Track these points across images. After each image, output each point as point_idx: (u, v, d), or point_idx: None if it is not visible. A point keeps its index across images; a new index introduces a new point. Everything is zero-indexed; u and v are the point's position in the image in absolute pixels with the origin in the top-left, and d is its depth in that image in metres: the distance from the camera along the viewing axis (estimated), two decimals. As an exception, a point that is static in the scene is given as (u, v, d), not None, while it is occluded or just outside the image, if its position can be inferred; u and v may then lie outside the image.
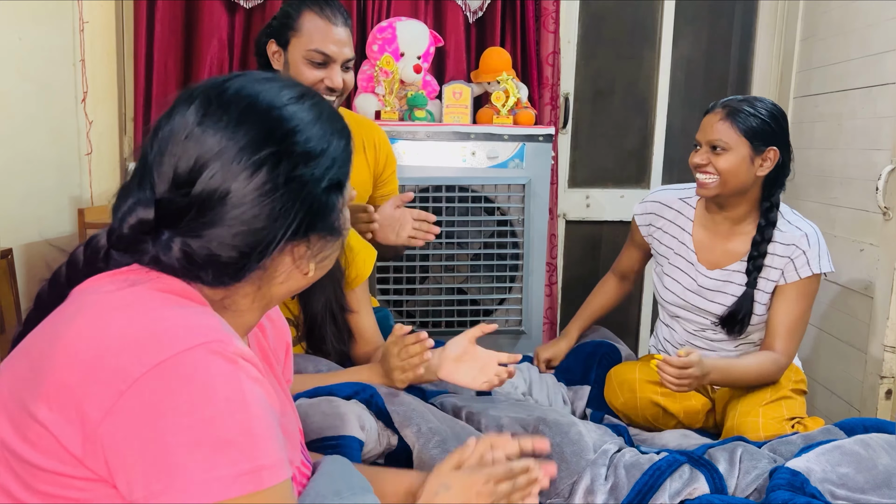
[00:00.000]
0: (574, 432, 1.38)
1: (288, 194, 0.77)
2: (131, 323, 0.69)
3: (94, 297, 0.73)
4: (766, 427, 1.61)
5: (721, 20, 3.00)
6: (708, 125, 1.70)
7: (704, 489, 1.27)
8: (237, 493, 0.65)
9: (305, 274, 0.83)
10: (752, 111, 1.66)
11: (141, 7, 2.44)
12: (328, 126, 0.82)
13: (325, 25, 1.63)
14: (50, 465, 0.66)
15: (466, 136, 2.34)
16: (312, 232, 0.80)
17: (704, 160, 1.69)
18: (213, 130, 0.75)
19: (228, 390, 0.67)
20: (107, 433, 0.64)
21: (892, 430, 1.43)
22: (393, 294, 2.36)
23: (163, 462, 0.64)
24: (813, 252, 1.70)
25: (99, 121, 2.41)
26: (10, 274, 1.96)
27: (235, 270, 0.77)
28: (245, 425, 0.66)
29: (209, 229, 0.75)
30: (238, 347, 0.71)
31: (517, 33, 2.61)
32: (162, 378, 0.65)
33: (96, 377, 0.65)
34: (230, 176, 0.74)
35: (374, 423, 1.25)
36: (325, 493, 0.87)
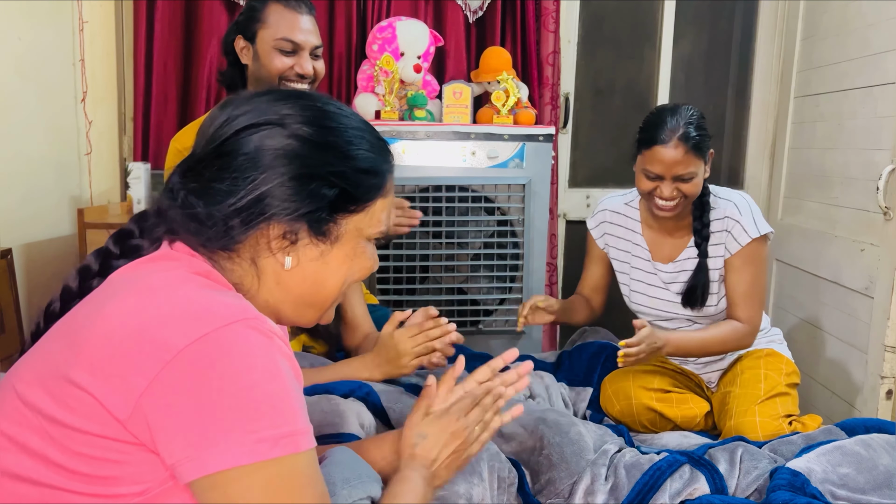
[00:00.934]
0: (574, 432, 1.38)
1: (284, 167, 0.80)
2: (172, 300, 0.73)
3: (132, 279, 0.78)
4: (764, 426, 1.62)
5: (721, 20, 3.00)
6: (669, 160, 1.64)
7: (705, 489, 1.27)
8: (280, 453, 0.69)
9: (282, 266, 0.83)
10: (696, 132, 1.65)
11: (141, 7, 2.44)
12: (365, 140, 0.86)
13: (291, 15, 1.69)
14: (91, 427, 0.69)
15: (466, 136, 2.33)
16: (294, 218, 0.81)
17: (674, 193, 1.68)
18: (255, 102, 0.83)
19: (266, 362, 0.71)
20: (151, 400, 0.68)
21: (892, 430, 1.43)
22: (393, 294, 2.36)
23: (207, 426, 0.67)
24: (746, 219, 1.73)
25: (98, 121, 2.41)
26: (10, 274, 1.96)
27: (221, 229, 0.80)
28: (282, 394, 0.71)
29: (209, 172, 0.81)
30: (272, 326, 0.75)
31: (517, 33, 2.61)
32: (204, 350, 0.69)
33: (140, 348, 0.69)
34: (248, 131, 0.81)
35: (373, 420, 1.25)
36: (335, 480, 0.90)
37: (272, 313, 0.86)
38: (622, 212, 1.90)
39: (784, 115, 2.77)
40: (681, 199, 1.69)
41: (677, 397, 1.79)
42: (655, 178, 1.68)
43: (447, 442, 0.97)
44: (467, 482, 1.15)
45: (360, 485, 0.90)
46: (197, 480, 0.68)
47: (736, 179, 3.01)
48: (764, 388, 1.70)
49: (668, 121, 1.66)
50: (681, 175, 1.66)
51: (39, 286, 2.16)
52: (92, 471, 0.70)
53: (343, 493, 0.88)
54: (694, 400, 1.79)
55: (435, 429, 0.97)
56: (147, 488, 0.71)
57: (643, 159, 1.69)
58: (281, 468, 0.70)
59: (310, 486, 0.73)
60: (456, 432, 0.97)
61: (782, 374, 1.75)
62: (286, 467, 0.70)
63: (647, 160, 1.67)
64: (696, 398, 1.80)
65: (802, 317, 2.56)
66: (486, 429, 1.00)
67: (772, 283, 2.80)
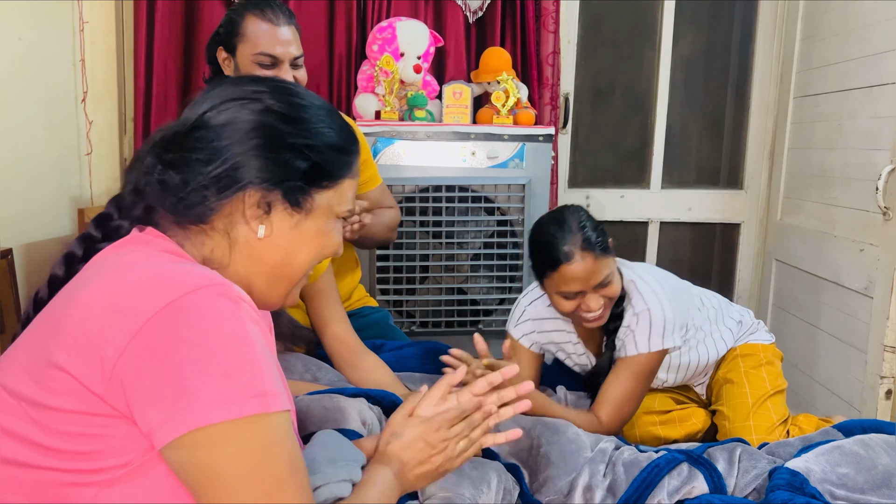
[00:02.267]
0: (571, 432, 1.39)
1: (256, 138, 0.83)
2: (141, 274, 0.75)
3: (104, 262, 0.81)
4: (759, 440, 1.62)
5: (721, 20, 3.01)
6: (585, 272, 1.50)
7: (703, 488, 1.27)
8: (247, 412, 0.70)
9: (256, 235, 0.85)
10: (593, 233, 1.52)
11: (141, 7, 2.44)
12: (332, 121, 0.89)
13: (268, 28, 1.67)
14: (71, 405, 0.71)
15: (466, 136, 2.34)
16: (269, 187, 0.84)
17: (599, 303, 1.53)
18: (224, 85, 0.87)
19: (233, 325, 0.73)
20: (124, 369, 0.70)
21: (890, 430, 1.43)
22: (393, 294, 2.36)
23: (177, 389, 0.69)
24: (650, 331, 1.58)
25: (99, 121, 2.41)
26: (10, 274, 1.96)
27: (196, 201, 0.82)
28: (249, 356, 0.72)
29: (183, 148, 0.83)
30: (239, 291, 0.77)
31: (517, 33, 2.61)
32: (172, 316, 0.71)
33: (111, 321, 0.71)
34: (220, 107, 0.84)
35: (377, 419, 1.25)
36: (320, 458, 0.91)
37: (244, 288, 0.87)
38: (548, 315, 1.70)
39: (784, 115, 2.77)
40: (607, 303, 1.56)
41: (679, 414, 1.76)
42: (575, 296, 1.53)
43: (421, 449, 0.95)
44: (475, 488, 1.15)
45: (344, 466, 0.91)
46: (169, 445, 0.69)
47: (736, 179, 3.02)
48: (751, 397, 1.68)
49: (560, 238, 1.51)
50: (601, 282, 1.52)
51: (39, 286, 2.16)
52: (75, 447, 0.72)
53: (327, 472, 0.88)
54: (696, 414, 1.77)
55: (411, 433, 0.96)
56: (130, 459, 0.72)
57: (552, 283, 1.53)
58: (250, 428, 0.71)
59: (280, 447, 0.73)
60: (432, 443, 0.95)
61: (762, 365, 1.73)
62: (256, 427, 0.71)
63: (559, 282, 1.52)
64: (697, 410, 1.78)
65: (802, 317, 2.56)
66: (472, 445, 0.98)
67: (772, 282, 2.80)
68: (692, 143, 3.08)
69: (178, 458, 0.71)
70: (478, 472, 1.19)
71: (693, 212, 2.98)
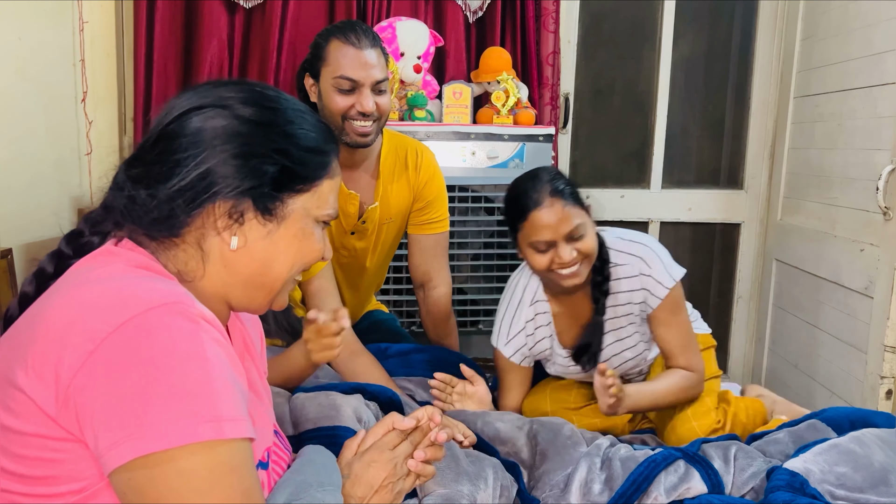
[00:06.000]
0: (567, 429, 1.40)
1: (226, 145, 0.80)
2: (101, 290, 0.73)
3: (72, 277, 0.78)
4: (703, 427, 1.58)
5: (721, 20, 3.00)
6: (554, 220, 1.47)
7: (700, 487, 1.27)
8: (197, 437, 0.67)
9: (229, 246, 0.82)
10: (563, 183, 1.51)
11: (141, 7, 2.44)
12: (308, 123, 0.86)
13: (351, 51, 1.61)
14: (28, 428, 0.69)
15: (466, 136, 2.34)
16: (239, 196, 0.81)
17: (571, 255, 1.49)
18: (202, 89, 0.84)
19: (188, 346, 0.70)
20: (77, 390, 0.67)
21: (876, 420, 1.44)
22: (393, 294, 2.36)
23: (126, 411, 0.66)
24: (656, 269, 1.58)
25: (99, 120, 2.42)
26: (10, 274, 1.96)
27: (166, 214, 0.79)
28: (205, 378, 0.69)
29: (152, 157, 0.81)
30: (200, 309, 0.74)
31: (517, 33, 2.61)
32: (127, 335, 0.68)
33: (69, 340, 0.68)
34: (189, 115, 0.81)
35: (373, 416, 1.26)
36: (310, 480, 0.88)
37: (221, 299, 0.86)
38: (534, 319, 1.68)
39: (784, 115, 2.77)
40: (582, 261, 1.52)
41: (595, 408, 1.67)
42: (547, 247, 1.50)
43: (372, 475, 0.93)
44: (473, 484, 1.16)
45: (333, 491, 0.88)
46: (115, 470, 0.67)
47: (735, 179, 3.01)
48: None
49: (530, 186, 1.51)
50: (570, 233, 1.48)
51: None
52: (30, 472, 0.70)
53: (316, 495, 0.86)
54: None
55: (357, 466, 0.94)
56: (84, 486, 0.70)
57: (524, 234, 1.51)
58: (200, 455, 0.67)
59: (234, 476, 0.70)
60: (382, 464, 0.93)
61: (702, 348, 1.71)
62: (207, 455, 0.68)
63: (530, 232, 1.50)
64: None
65: (802, 317, 2.56)
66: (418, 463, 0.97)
67: (772, 282, 2.80)
68: (692, 143, 3.08)
69: (122, 484, 0.67)
70: (475, 469, 1.20)
71: (693, 212, 2.98)
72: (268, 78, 2.49)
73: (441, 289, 1.91)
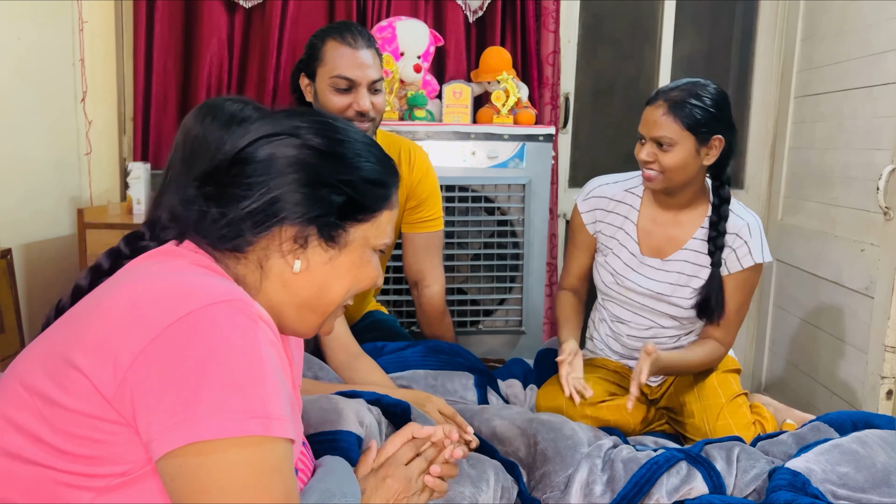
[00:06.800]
0: (567, 429, 1.40)
1: (295, 174, 0.84)
2: (164, 283, 0.76)
3: (134, 270, 0.82)
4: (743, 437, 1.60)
5: (721, 20, 3.00)
6: (650, 120, 1.61)
7: (702, 488, 1.27)
8: (247, 431, 0.69)
9: (292, 269, 0.86)
10: (694, 102, 1.58)
11: (140, 7, 2.44)
12: (371, 155, 0.90)
13: (347, 51, 1.64)
14: (81, 406, 0.71)
15: (466, 136, 2.33)
16: (305, 222, 0.85)
17: (650, 157, 1.62)
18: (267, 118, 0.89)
19: (245, 342, 0.72)
20: (135, 375, 0.69)
21: (880, 423, 1.44)
22: (393, 294, 2.35)
23: (181, 400, 0.68)
24: (755, 241, 1.67)
25: (98, 121, 2.41)
26: (10, 274, 1.96)
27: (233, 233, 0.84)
28: (258, 376, 0.71)
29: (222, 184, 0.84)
30: (258, 310, 0.77)
31: (517, 33, 2.61)
32: (187, 327, 0.71)
33: (130, 326, 0.71)
34: (260, 143, 0.85)
35: (374, 420, 1.25)
36: (334, 489, 0.90)
37: (274, 316, 0.87)
38: (620, 199, 1.79)
39: (784, 115, 2.77)
40: (660, 171, 1.62)
41: (610, 405, 1.72)
42: (641, 140, 1.65)
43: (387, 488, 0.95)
44: (475, 486, 1.16)
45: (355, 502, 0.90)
46: (164, 457, 0.68)
47: (736, 179, 3.01)
48: (723, 394, 1.69)
49: (671, 85, 1.64)
50: (657, 138, 1.60)
51: (39, 286, 2.16)
52: (77, 450, 0.71)
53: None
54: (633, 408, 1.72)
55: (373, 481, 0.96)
56: (126, 470, 0.71)
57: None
58: (246, 450, 0.69)
59: (276, 476, 0.71)
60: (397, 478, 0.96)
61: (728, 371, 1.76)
62: (252, 450, 0.69)
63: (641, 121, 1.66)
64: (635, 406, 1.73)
65: (802, 317, 2.56)
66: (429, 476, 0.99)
67: (772, 283, 2.80)
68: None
69: (169, 471, 0.69)
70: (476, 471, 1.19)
71: (693, 212, 2.97)
72: (267, 78, 2.49)
73: (434, 287, 1.92)
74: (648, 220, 1.77)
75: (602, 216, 1.81)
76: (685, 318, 1.77)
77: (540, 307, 2.50)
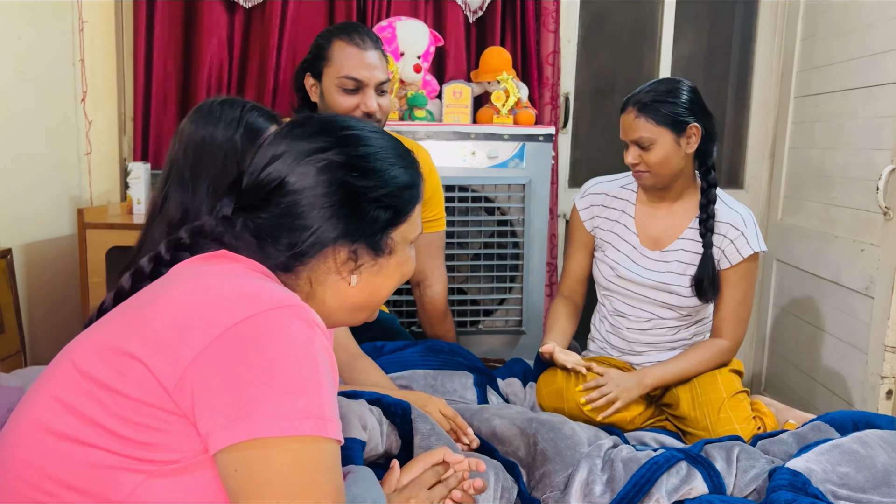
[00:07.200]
0: (567, 428, 1.40)
1: (337, 198, 0.86)
2: (226, 284, 0.79)
3: (192, 270, 0.84)
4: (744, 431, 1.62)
5: (721, 20, 3.00)
6: (626, 125, 1.72)
7: (702, 488, 1.27)
8: (305, 431, 0.72)
9: (349, 284, 0.90)
10: (662, 98, 1.67)
11: (140, 7, 2.44)
12: (398, 157, 0.92)
13: (354, 51, 1.64)
14: (139, 394, 0.73)
15: (466, 136, 2.33)
16: (355, 241, 0.88)
17: (636, 158, 1.71)
18: (292, 137, 0.89)
19: (303, 347, 0.75)
20: (196, 371, 0.72)
21: (880, 423, 1.44)
22: (393, 294, 2.35)
23: (241, 398, 0.71)
24: (750, 231, 1.72)
25: (98, 121, 2.41)
26: (10, 273, 1.96)
27: (282, 258, 0.87)
28: (314, 379, 0.74)
29: (265, 212, 0.86)
30: (315, 316, 0.79)
31: (517, 33, 2.61)
32: (249, 329, 0.74)
33: (193, 324, 0.74)
34: (292, 169, 0.86)
35: (377, 423, 1.25)
36: (366, 497, 0.94)
37: (324, 317, 0.90)
38: (617, 195, 1.87)
39: (784, 115, 2.77)
40: (647, 169, 1.71)
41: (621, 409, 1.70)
42: (626, 146, 1.74)
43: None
44: None
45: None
46: (223, 450, 0.71)
47: (736, 179, 3.01)
48: (725, 390, 1.70)
49: (637, 90, 1.72)
50: (636, 140, 1.69)
51: (39, 286, 2.16)
52: (133, 435, 0.74)
53: None
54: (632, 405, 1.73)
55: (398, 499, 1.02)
56: (180, 458, 0.74)
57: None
58: (303, 448, 0.72)
59: (329, 475, 0.74)
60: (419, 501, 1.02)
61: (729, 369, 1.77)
62: (309, 448, 0.72)
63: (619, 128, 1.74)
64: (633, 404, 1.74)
65: (802, 317, 2.56)
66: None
67: (772, 283, 2.80)
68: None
69: (230, 464, 0.72)
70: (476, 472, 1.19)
71: (693, 212, 2.97)
72: (267, 78, 2.49)
73: (437, 287, 1.92)
74: (645, 214, 1.83)
75: (599, 212, 1.88)
76: (684, 309, 1.79)
77: (540, 307, 2.50)
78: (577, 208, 1.90)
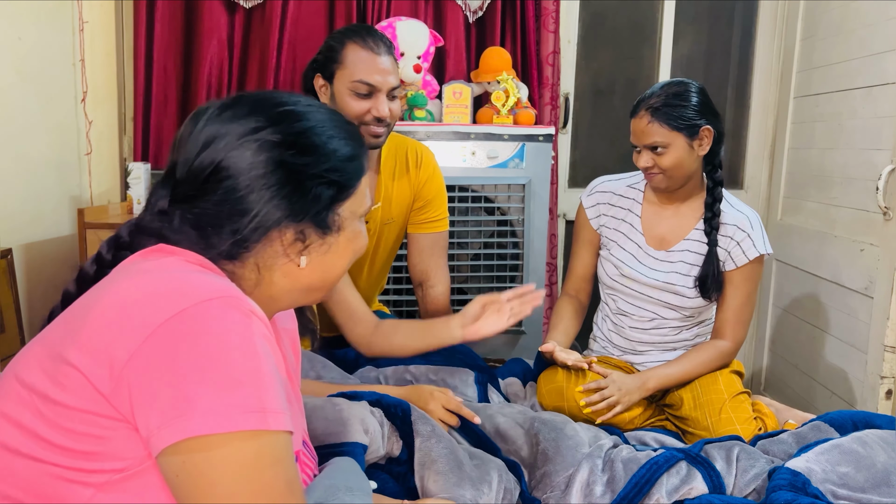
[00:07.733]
0: (569, 428, 1.40)
1: (276, 178, 0.83)
2: (157, 281, 0.76)
3: (129, 268, 0.81)
4: (745, 432, 1.62)
5: (721, 20, 3.00)
6: (639, 130, 1.70)
7: (702, 488, 1.27)
8: (244, 426, 0.69)
9: (298, 266, 0.87)
10: (675, 102, 1.67)
11: (141, 7, 2.44)
12: (338, 129, 0.88)
13: (368, 56, 1.63)
14: (78, 403, 0.71)
15: (466, 136, 2.33)
16: (300, 221, 0.85)
17: (649, 162, 1.71)
18: (223, 120, 0.84)
19: (240, 338, 0.72)
20: (131, 373, 0.70)
21: (880, 423, 1.44)
22: (393, 294, 2.36)
23: (178, 395, 0.69)
24: (756, 233, 1.73)
25: (99, 121, 2.41)
26: (10, 274, 1.96)
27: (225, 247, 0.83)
28: (254, 370, 0.72)
29: (202, 201, 0.83)
30: (251, 305, 0.76)
31: (517, 33, 2.61)
32: (181, 324, 0.71)
33: (124, 325, 0.72)
34: (226, 153, 0.82)
35: (378, 426, 1.25)
36: (339, 484, 0.91)
37: (272, 301, 0.89)
38: (623, 194, 1.87)
39: (784, 115, 2.77)
40: (660, 172, 1.70)
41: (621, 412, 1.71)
42: (636, 149, 1.73)
43: None
44: (476, 489, 1.16)
45: (362, 496, 0.91)
46: (164, 451, 0.69)
47: (736, 179, 3.01)
48: (726, 391, 1.70)
49: (647, 93, 1.71)
50: (650, 145, 1.68)
51: (39, 286, 2.16)
52: (77, 445, 0.72)
53: (345, 498, 0.88)
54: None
55: None
56: (126, 466, 0.72)
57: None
58: (246, 445, 0.69)
59: (278, 468, 0.72)
60: None
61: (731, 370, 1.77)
62: (252, 444, 0.70)
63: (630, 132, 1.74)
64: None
65: (802, 317, 2.56)
66: None
67: (771, 283, 2.80)
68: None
69: (171, 465, 0.70)
70: (478, 473, 1.19)
71: (693, 212, 2.97)
72: (267, 78, 2.49)
73: (439, 287, 1.92)
74: (651, 214, 1.83)
75: (606, 210, 1.88)
76: (688, 309, 1.79)
77: (540, 307, 2.50)
78: (583, 206, 1.91)
